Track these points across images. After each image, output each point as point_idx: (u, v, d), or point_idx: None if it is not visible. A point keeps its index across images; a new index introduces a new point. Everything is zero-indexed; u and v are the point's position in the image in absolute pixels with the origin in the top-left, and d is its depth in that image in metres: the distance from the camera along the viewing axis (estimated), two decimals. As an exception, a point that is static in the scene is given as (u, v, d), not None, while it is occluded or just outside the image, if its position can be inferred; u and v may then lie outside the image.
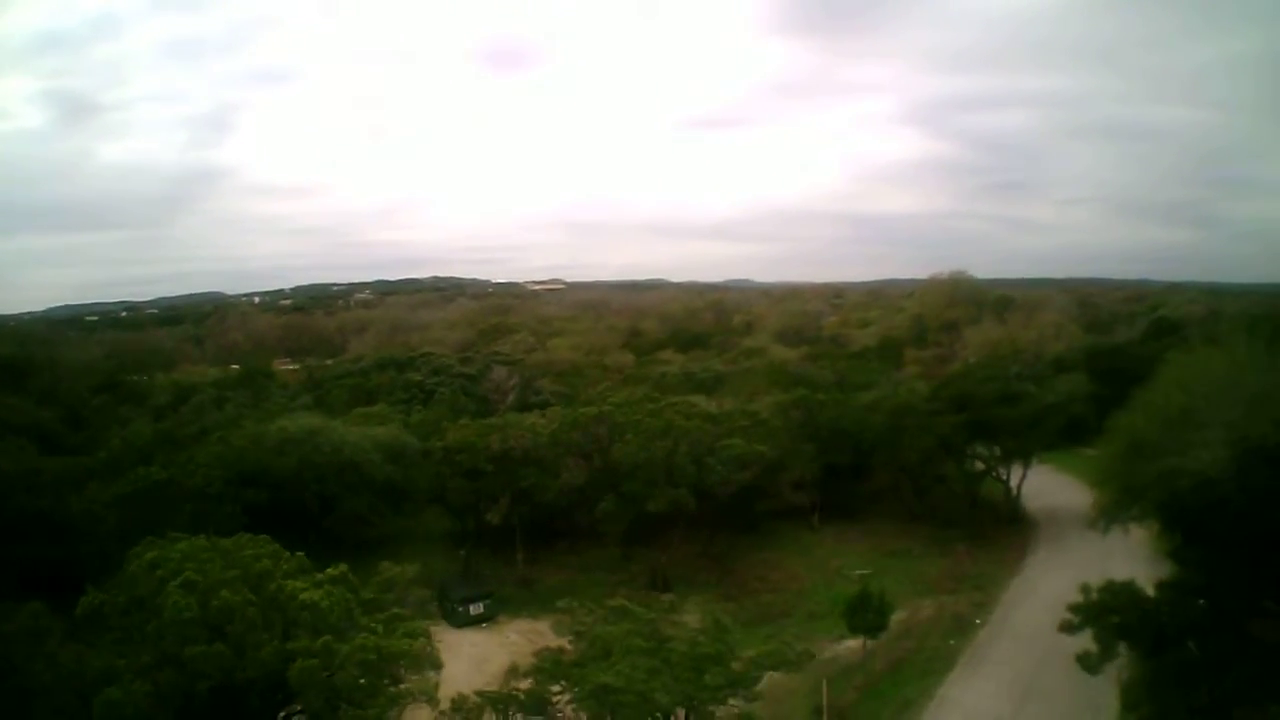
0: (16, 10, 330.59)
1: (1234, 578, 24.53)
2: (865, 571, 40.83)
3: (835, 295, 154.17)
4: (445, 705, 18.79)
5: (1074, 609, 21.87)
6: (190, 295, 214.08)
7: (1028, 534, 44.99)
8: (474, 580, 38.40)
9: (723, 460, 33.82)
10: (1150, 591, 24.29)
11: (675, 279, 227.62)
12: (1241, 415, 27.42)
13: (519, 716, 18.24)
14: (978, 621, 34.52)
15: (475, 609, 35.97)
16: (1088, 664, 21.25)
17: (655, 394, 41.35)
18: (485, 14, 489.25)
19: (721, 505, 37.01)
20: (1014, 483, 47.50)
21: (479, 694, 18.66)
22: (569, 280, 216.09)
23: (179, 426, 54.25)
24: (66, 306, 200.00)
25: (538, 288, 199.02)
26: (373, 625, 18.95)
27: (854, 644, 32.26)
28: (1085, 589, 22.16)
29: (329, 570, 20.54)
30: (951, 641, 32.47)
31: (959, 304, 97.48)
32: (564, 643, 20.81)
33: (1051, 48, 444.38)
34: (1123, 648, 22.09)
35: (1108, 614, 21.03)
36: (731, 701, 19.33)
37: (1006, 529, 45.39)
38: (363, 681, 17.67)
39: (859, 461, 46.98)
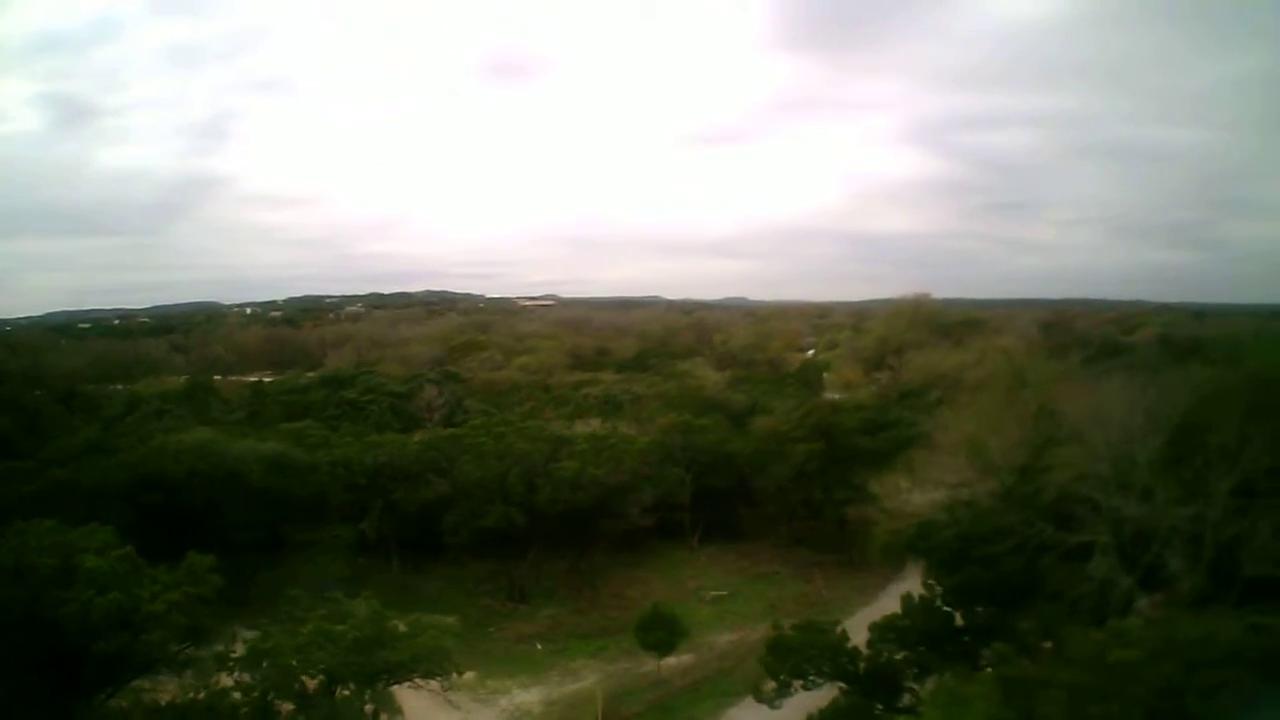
0: (14, 11, 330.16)
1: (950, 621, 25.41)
2: (720, 593, 42.07)
3: (820, 315, 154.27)
4: None
5: (767, 643, 23.05)
6: (186, 304, 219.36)
7: (901, 561, 45.63)
8: (348, 584, 40.67)
9: (553, 482, 35.48)
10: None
11: (671, 296, 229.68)
12: (963, 462, 28.49)
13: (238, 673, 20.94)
14: (805, 645, 35.51)
15: None
16: (759, 697, 22.38)
17: (508, 418, 43.13)
18: (486, 26, 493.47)
19: (576, 523, 38.55)
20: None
21: (211, 652, 21.46)
22: (563, 296, 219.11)
23: (118, 436, 57.56)
24: (63, 312, 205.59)
25: (529, 303, 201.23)
26: (141, 593, 22.72)
27: (677, 661, 33.52)
28: (777, 625, 23.34)
29: (117, 551, 24.62)
30: (768, 664, 33.56)
31: (918, 326, 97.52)
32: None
33: (1057, 67, 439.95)
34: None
35: (787, 652, 22.11)
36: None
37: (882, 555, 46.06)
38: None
39: (743, 485, 48.17)
